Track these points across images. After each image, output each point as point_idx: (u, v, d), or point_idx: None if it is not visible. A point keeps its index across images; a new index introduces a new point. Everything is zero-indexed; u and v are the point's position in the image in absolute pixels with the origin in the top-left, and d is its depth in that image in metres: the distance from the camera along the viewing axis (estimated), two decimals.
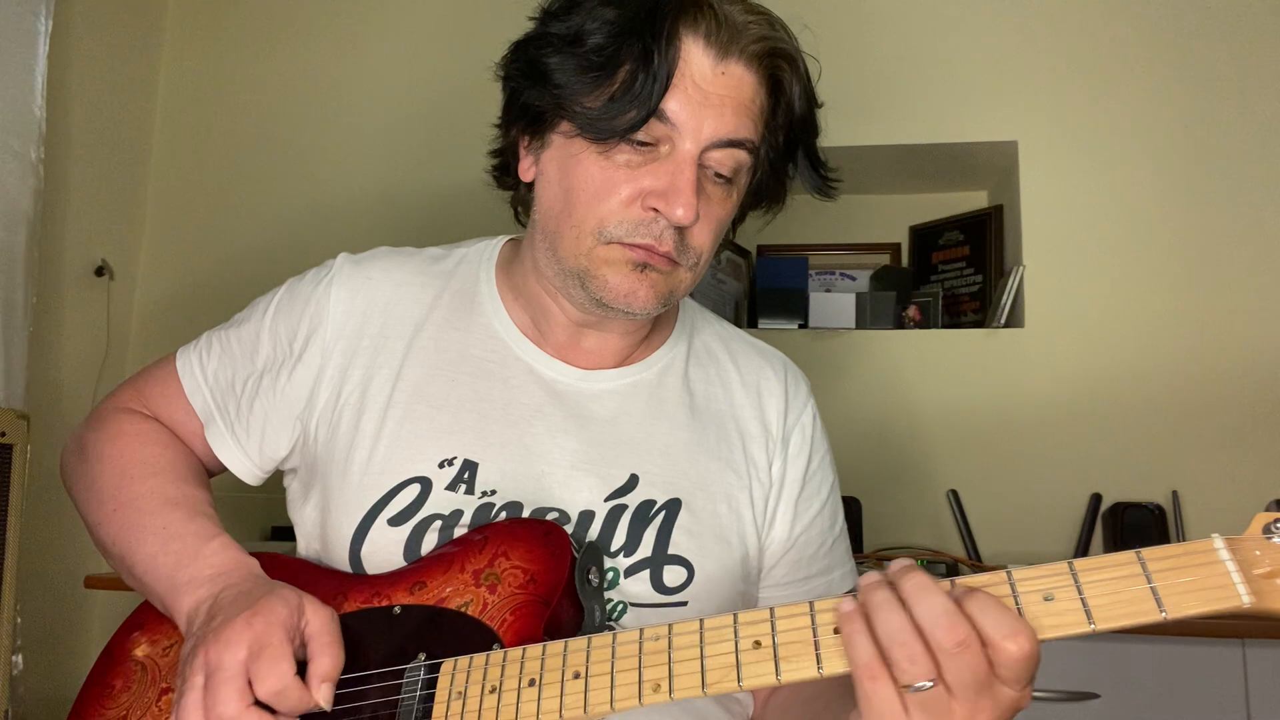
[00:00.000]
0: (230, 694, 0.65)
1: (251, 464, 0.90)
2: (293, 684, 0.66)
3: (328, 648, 0.69)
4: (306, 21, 2.33)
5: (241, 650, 0.66)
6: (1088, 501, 1.86)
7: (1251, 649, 1.37)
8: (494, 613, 0.72)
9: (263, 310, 0.92)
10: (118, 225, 2.22)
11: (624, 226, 0.77)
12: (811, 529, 0.91)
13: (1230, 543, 0.53)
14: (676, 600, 0.81)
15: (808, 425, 0.94)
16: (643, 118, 0.75)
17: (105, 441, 0.89)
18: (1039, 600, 0.55)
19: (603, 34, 0.76)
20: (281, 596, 0.70)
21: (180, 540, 0.79)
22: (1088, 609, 0.54)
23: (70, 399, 2.03)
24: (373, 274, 0.90)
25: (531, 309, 0.89)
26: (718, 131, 0.77)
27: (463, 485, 0.81)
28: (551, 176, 0.82)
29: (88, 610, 2.01)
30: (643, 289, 0.79)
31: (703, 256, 0.81)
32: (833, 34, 2.10)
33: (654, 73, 0.74)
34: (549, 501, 0.82)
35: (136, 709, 0.79)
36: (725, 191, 0.81)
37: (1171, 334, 1.89)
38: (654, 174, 0.77)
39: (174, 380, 0.93)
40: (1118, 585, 0.54)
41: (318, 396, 0.86)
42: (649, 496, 0.83)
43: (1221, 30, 1.96)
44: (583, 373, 0.88)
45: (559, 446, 0.84)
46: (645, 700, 0.60)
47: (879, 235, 2.28)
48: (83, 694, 0.83)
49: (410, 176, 2.20)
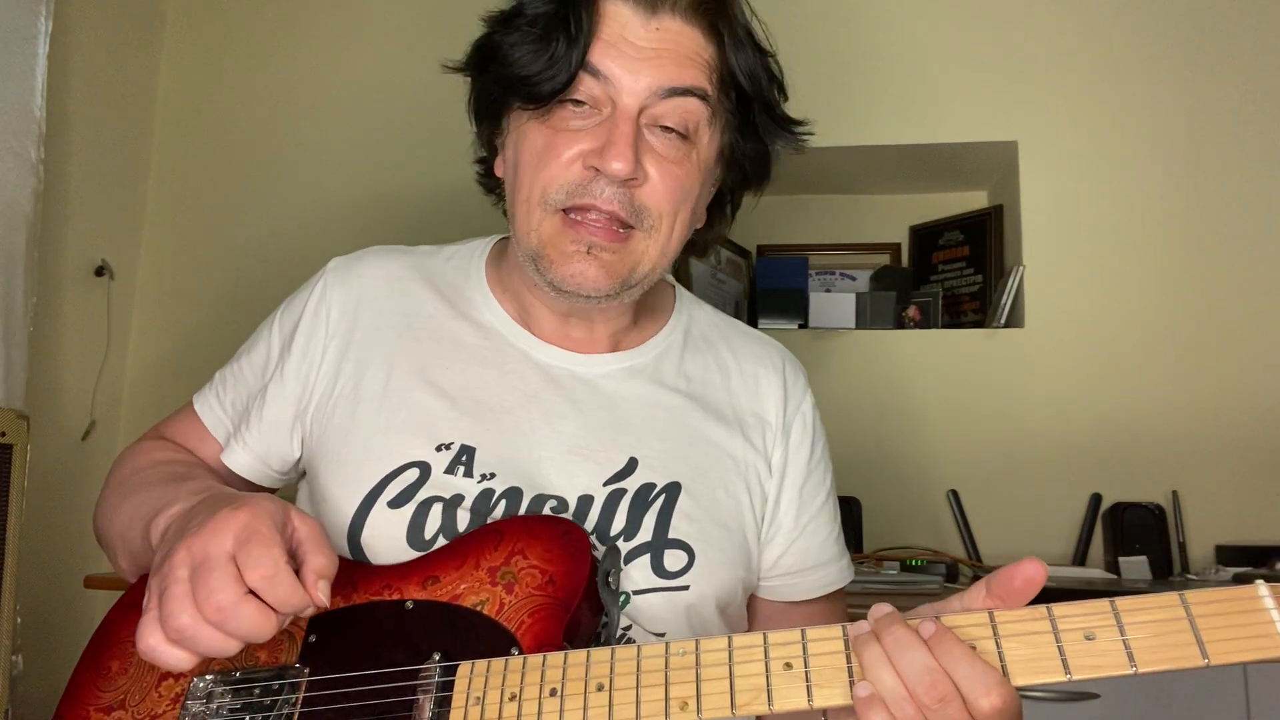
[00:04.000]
0: (224, 580, 0.59)
1: (265, 466, 0.90)
2: (285, 569, 0.60)
3: (321, 548, 0.64)
4: (306, 22, 2.33)
5: (228, 539, 0.61)
6: (1088, 501, 1.86)
7: None
8: (511, 614, 0.70)
9: (266, 331, 0.93)
10: (118, 225, 2.21)
11: (564, 190, 0.77)
12: (819, 517, 0.91)
13: (1275, 590, 0.53)
14: (677, 585, 0.80)
15: (808, 415, 0.94)
16: (568, 76, 0.76)
17: (117, 465, 0.92)
18: (1080, 639, 0.54)
19: (539, 5, 0.78)
20: (266, 496, 0.66)
21: (167, 485, 0.79)
22: (1129, 650, 0.53)
23: (70, 399, 2.03)
24: (364, 271, 0.91)
25: (519, 302, 0.89)
26: (658, 81, 0.77)
27: (461, 468, 0.80)
28: (510, 160, 0.83)
29: (88, 610, 2.01)
30: (591, 269, 0.78)
31: (664, 220, 0.79)
32: (833, 34, 2.10)
33: (573, 33, 0.76)
34: (548, 488, 0.81)
35: (135, 693, 0.75)
36: (682, 149, 0.79)
37: (1171, 334, 1.89)
38: (594, 134, 0.77)
39: (195, 420, 0.94)
40: (1160, 628, 0.53)
41: (314, 392, 0.86)
42: (648, 480, 0.83)
43: (1222, 30, 1.96)
44: (579, 356, 0.87)
45: (556, 431, 0.83)
46: (673, 719, 0.59)
47: (879, 235, 2.28)
48: (76, 677, 0.79)
49: (410, 175, 2.20)
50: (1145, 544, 1.75)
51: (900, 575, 1.72)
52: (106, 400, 2.14)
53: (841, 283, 2.26)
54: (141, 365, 2.23)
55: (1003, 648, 0.56)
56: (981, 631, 0.57)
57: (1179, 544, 1.80)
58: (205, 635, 0.59)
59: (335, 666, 0.71)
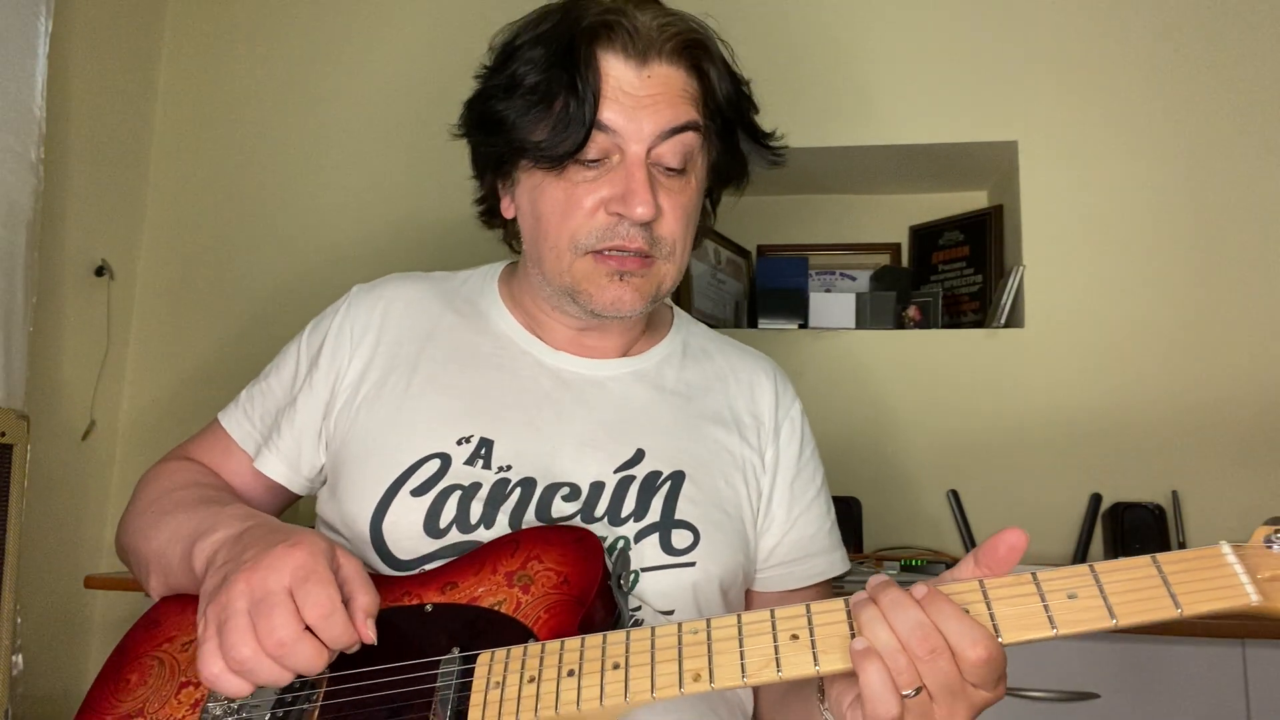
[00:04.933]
0: (285, 617, 0.63)
1: (295, 473, 0.96)
2: (340, 610, 0.65)
3: (365, 586, 0.69)
4: (307, 21, 2.33)
5: (285, 575, 0.65)
6: (1088, 501, 1.86)
7: (1251, 649, 1.37)
8: (528, 611, 0.73)
9: (294, 350, 1.00)
10: (118, 225, 2.21)
11: (594, 235, 0.85)
12: (810, 511, 0.98)
13: (1236, 549, 0.57)
14: (685, 561, 0.86)
15: (796, 418, 1.02)
16: (583, 136, 0.82)
17: (144, 485, 0.96)
18: (1063, 598, 0.59)
19: (535, 73, 0.85)
20: (315, 533, 0.71)
21: (205, 508, 0.84)
22: (1109, 605, 0.58)
23: (70, 399, 2.03)
24: (385, 293, 0.99)
25: (531, 316, 0.97)
26: (658, 125, 0.84)
27: (480, 460, 0.87)
28: (525, 209, 0.91)
29: (88, 610, 2.01)
30: (627, 294, 0.87)
31: (678, 244, 0.88)
32: (833, 34, 2.10)
33: (581, 95, 0.82)
34: (562, 476, 0.87)
35: (155, 700, 0.78)
36: (682, 182, 0.88)
37: (1172, 333, 1.89)
38: (611, 182, 0.85)
39: (221, 436, 1.00)
40: (1136, 584, 0.58)
41: (337, 399, 0.93)
42: (655, 468, 0.89)
43: (1223, 29, 1.96)
44: (588, 361, 0.95)
45: (568, 427, 0.90)
46: (686, 689, 0.63)
47: (879, 235, 2.28)
48: (94, 689, 0.82)
49: (410, 173, 2.20)
50: (1145, 544, 1.75)
51: (900, 575, 1.73)
52: (106, 400, 2.14)
53: (841, 283, 2.26)
54: (141, 365, 2.23)
55: (993, 609, 0.60)
56: (973, 596, 0.61)
57: (1179, 544, 1.79)
58: (265, 667, 0.64)
59: (355, 667, 0.73)
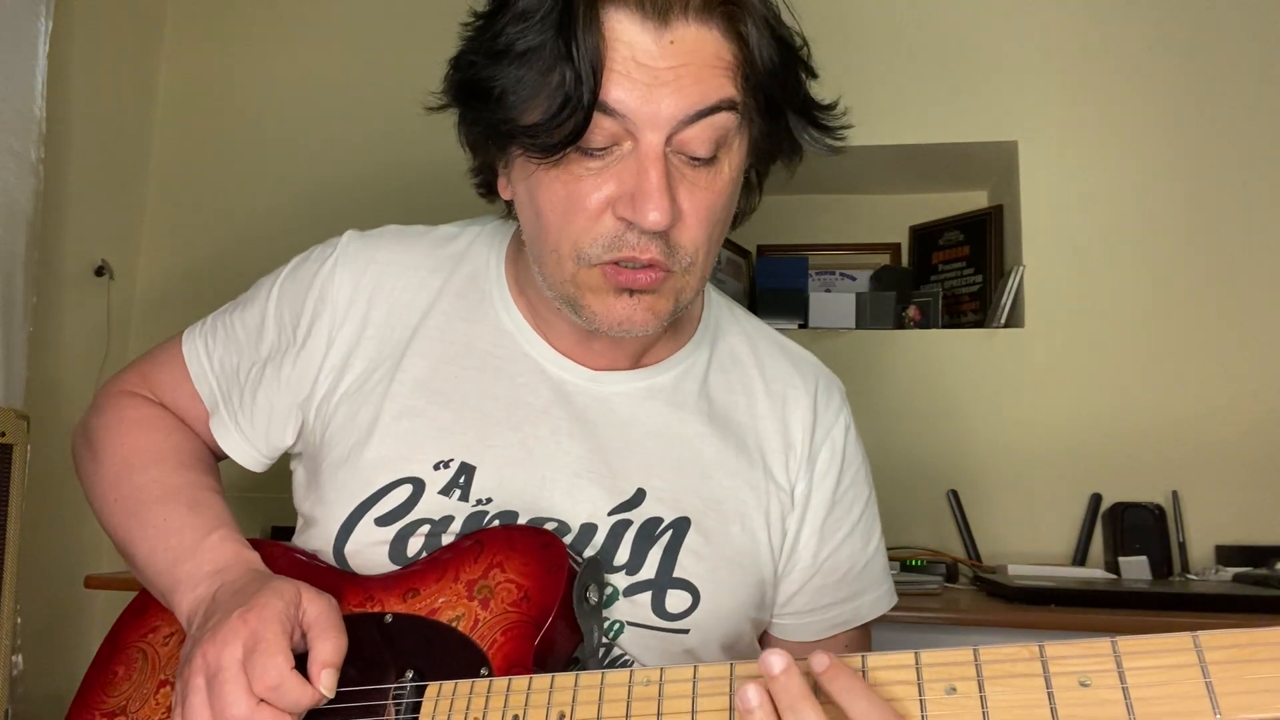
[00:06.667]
0: (236, 693, 0.63)
1: (257, 452, 0.89)
2: (290, 677, 0.64)
3: (327, 633, 0.67)
4: (307, 21, 2.33)
5: (237, 648, 0.65)
6: (1088, 501, 1.86)
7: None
8: (485, 631, 0.70)
9: (267, 292, 0.89)
10: (118, 225, 2.21)
11: (599, 244, 0.70)
12: (839, 553, 0.86)
13: None
14: (678, 628, 0.77)
15: (839, 439, 0.87)
16: (581, 122, 0.65)
17: (109, 428, 0.89)
18: (1073, 685, 0.49)
19: (526, 37, 0.67)
20: (276, 590, 0.68)
21: (179, 535, 0.79)
22: (1129, 701, 0.48)
23: (70, 399, 2.03)
24: (378, 256, 0.86)
25: (536, 310, 0.84)
26: (681, 108, 0.66)
27: (457, 490, 0.78)
28: (523, 199, 0.75)
29: (88, 610, 2.01)
30: (638, 313, 0.72)
31: (700, 252, 0.72)
32: (832, 34, 2.10)
33: (578, 68, 0.64)
34: (549, 511, 0.78)
35: (136, 700, 0.79)
36: (710, 173, 0.70)
37: (1172, 334, 1.89)
38: (619, 175, 0.68)
39: (179, 365, 0.90)
40: (1167, 675, 0.47)
41: (319, 386, 0.84)
42: (655, 514, 0.79)
43: (1223, 29, 1.96)
44: (594, 373, 0.82)
45: (564, 451, 0.80)
46: None
47: (879, 235, 2.28)
48: (88, 678, 0.83)
49: (412, 173, 2.20)
50: (1145, 544, 1.75)
51: (900, 575, 1.72)
52: None
53: (841, 283, 2.26)
54: None
55: (985, 691, 0.51)
56: (965, 671, 0.52)
57: (1179, 544, 1.80)
58: None
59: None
